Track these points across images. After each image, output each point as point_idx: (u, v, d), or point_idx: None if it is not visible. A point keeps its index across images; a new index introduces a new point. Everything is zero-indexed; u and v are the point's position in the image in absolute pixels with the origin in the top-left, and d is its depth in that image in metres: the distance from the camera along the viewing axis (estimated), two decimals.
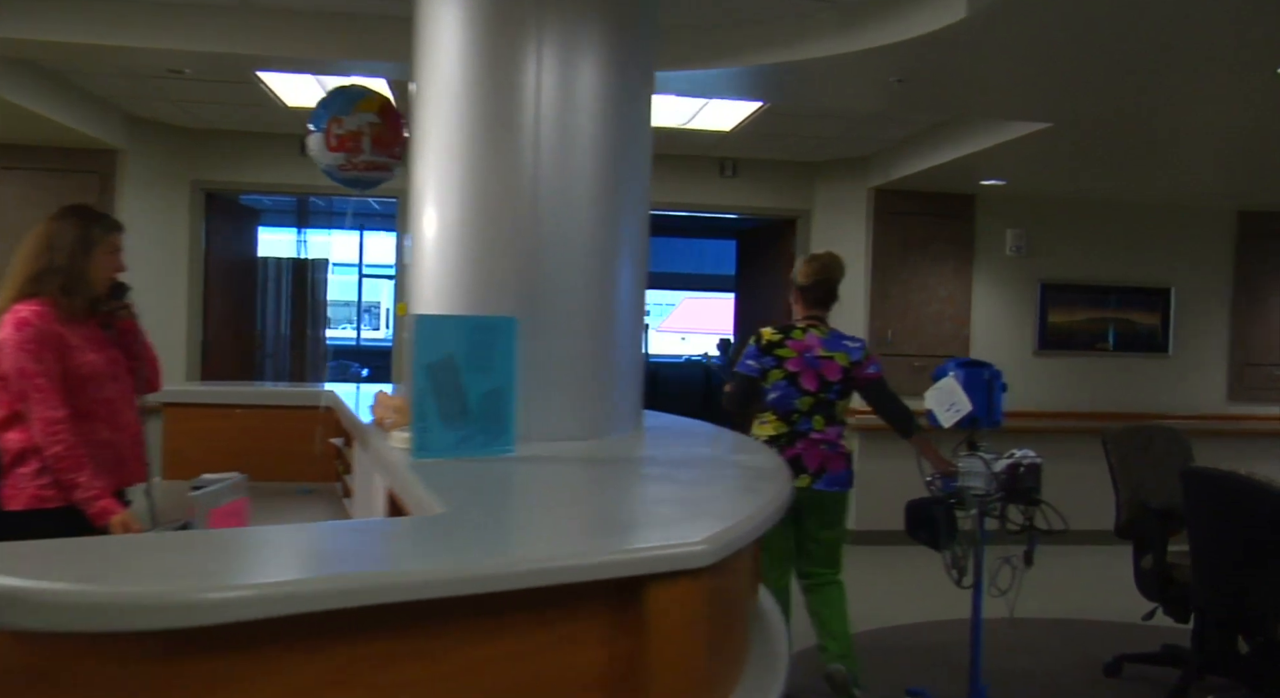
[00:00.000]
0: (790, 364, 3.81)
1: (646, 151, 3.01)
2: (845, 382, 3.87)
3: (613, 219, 2.80)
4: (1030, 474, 3.56)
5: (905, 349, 7.13)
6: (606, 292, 2.78)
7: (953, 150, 5.75)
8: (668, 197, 7.31)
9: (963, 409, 3.60)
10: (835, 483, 3.86)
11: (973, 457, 3.59)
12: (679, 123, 6.19)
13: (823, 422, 3.84)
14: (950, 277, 7.18)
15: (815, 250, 4.21)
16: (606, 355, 2.78)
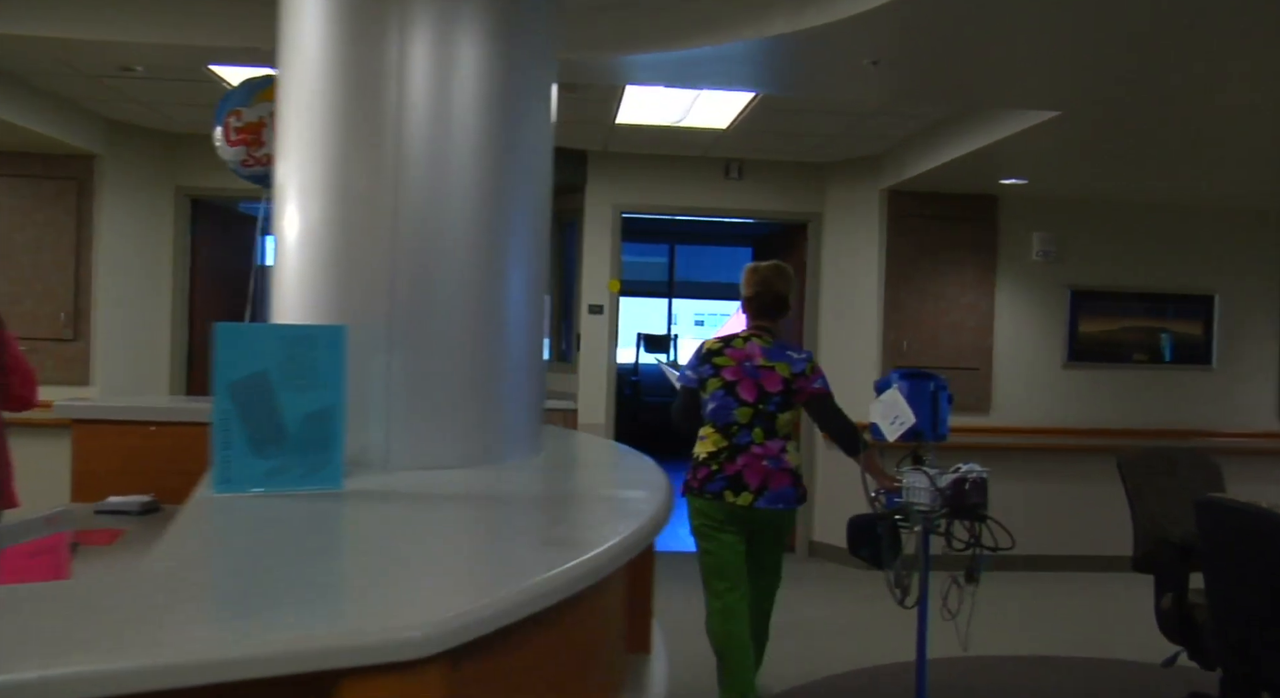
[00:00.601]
0: (727, 373, 3.67)
1: (545, 143, 2.65)
2: (786, 394, 3.70)
3: (500, 219, 2.45)
4: (976, 489, 3.47)
5: (922, 362, 6.66)
6: (493, 299, 2.42)
7: (961, 145, 5.30)
8: (669, 199, 6.94)
9: (906, 422, 3.49)
10: (779, 500, 3.66)
11: (917, 471, 3.47)
12: (671, 121, 5.82)
13: (763, 435, 3.68)
14: (971, 284, 6.70)
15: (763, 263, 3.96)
16: (492, 371, 2.41)
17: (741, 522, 3.68)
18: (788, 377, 3.70)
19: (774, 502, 3.65)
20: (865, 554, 3.57)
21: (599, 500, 2.19)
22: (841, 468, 5.58)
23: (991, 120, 4.94)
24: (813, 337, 7.03)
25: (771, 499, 3.64)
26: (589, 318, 6.95)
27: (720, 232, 12.26)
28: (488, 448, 2.40)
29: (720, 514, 3.67)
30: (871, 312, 6.68)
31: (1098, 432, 6.71)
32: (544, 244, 2.65)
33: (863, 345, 6.73)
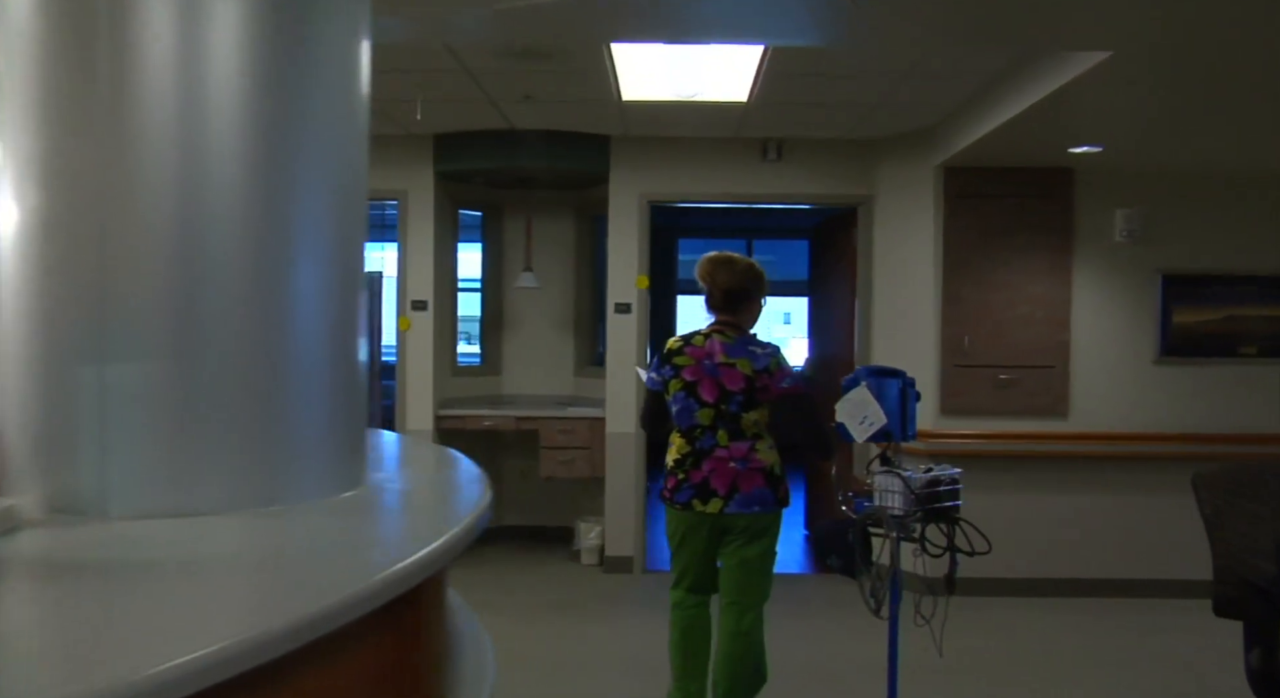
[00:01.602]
0: (687, 373, 3.51)
1: (349, 111, 2.08)
2: (749, 392, 3.47)
3: (277, 203, 1.89)
4: (951, 492, 3.33)
5: (986, 360, 5.88)
6: (270, 296, 1.87)
7: (1019, 100, 4.48)
8: (701, 186, 6.32)
9: (877, 422, 3.29)
10: (751, 503, 3.47)
11: (890, 474, 3.29)
12: (684, 95, 5.21)
13: (728, 437, 3.49)
14: (1043, 270, 5.89)
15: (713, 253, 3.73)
16: (268, 386, 1.86)
17: (715, 531, 3.52)
18: (750, 374, 3.46)
19: (746, 505, 3.46)
20: (835, 564, 3.41)
21: (333, 568, 1.60)
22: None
23: (1049, 69, 4.15)
24: (865, 336, 6.31)
25: (743, 503, 3.46)
26: (615, 318, 6.38)
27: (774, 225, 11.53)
28: (263, 486, 1.85)
29: (692, 524, 3.53)
30: (928, 306, 5.93)
31: (1196, 437, 5.80)
32: (354, 230, 2.07)
33: (919, 344, 5.98)
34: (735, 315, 3.58)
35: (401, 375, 6.46)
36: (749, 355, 3.49)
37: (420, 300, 6.41)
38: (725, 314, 3.59)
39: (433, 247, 6.40)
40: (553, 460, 6.42)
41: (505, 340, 7.23)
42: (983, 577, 5.87)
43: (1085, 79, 3.83)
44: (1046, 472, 5.90)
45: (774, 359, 3.51)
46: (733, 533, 3.50)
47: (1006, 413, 5.88)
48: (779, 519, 3.58)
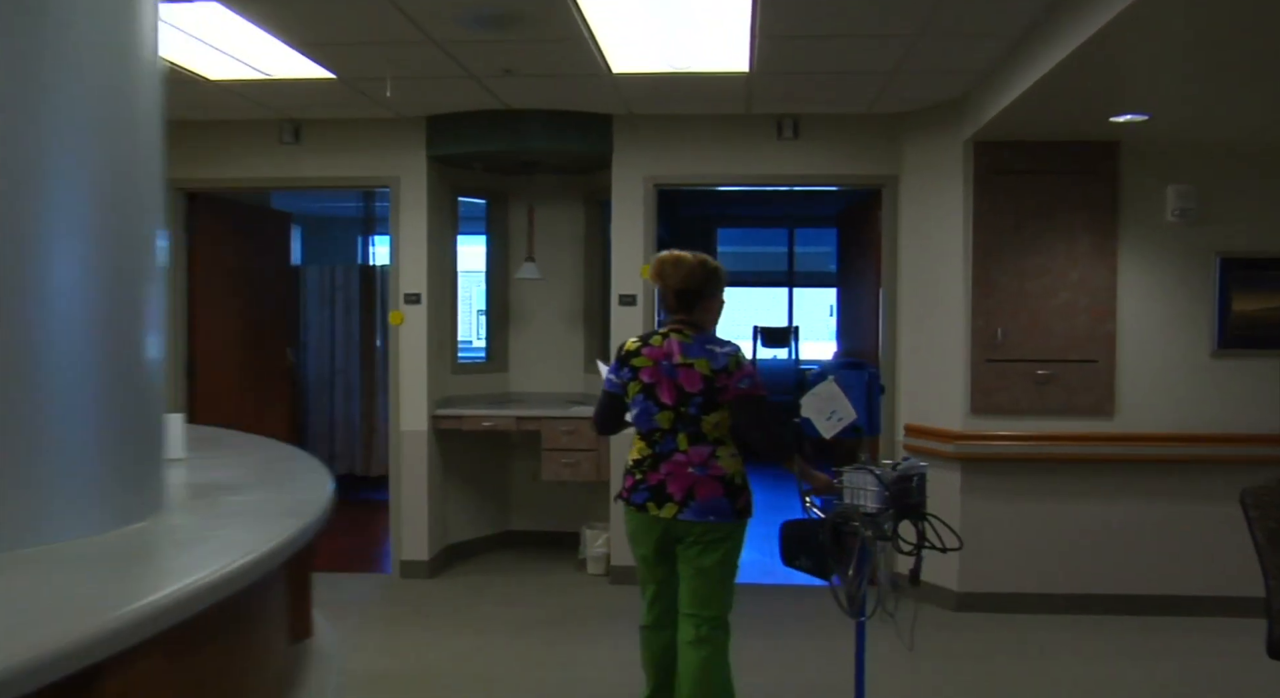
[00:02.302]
0: (645, 375, 3.40)
1: (118, 83, 1.67)
2: (708, 393, 3.34)
3: (11, 191, 1.49)
4: (920, 487, 3.26)
5: (1022, 353, 5.34)
6: (9, 302, 1.48)
7: (1048, 55, 3.94)
8: (712, 167, 5.87)
9: (845, 417, 3.24)
10: (707, 512, 3.34)
11: (861, 471, 3.20)
12: (678, 66, 4.76)
13: (688, 441, 3.37)
14: (1086, 254, 5.33)
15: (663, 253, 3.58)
16: (12, 404, 1.47)
17: (668, 537, 3.41)
18: (708, 374, 3.33)
19: (701, 514, 3.33)
20: (805, 566, 3.31)
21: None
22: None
23: (1080, 17, 3.61)
24: (890, 329, 5.81)
25: (699, 511, 3.33)
26: (620, 311, 5.95)
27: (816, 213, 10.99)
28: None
29: (647, 527, 3.44)
30: (957, 294, 5.40)
31: (1257, 439, 5.21)
32: (134, 218, 1.67)
33: (948, 337, 5.46)
34: (691, 314, 3.46)
35: (394, 373, 6.11)
36: (707, 355, 3.36)
37: (413, 294, 6.05)
38: (680, 313, 3.47)
39: (426, 236, 6.03)
40: (555, 463, 6.02)
41: (512, 336, 6.85)
42: (1018, 592, 5.37)
43: (1118, 24, 3.30)
44: (1089, 477, 5.35)
45: (732, 358, 3.36)
46: (686, 542, 3.39)
47: (1045, 412, 5.33)
48: (739, 530, 3.44)
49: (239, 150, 6.07)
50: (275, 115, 5.91)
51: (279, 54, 4.62)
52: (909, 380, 5.73)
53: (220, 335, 6.52)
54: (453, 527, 6.46)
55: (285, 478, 2.37)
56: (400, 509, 6.08)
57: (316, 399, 8.92)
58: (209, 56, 4.68)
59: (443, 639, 4.97)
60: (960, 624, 5.23)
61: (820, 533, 3.21)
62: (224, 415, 6.49)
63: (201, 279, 6.33)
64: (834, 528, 3.20)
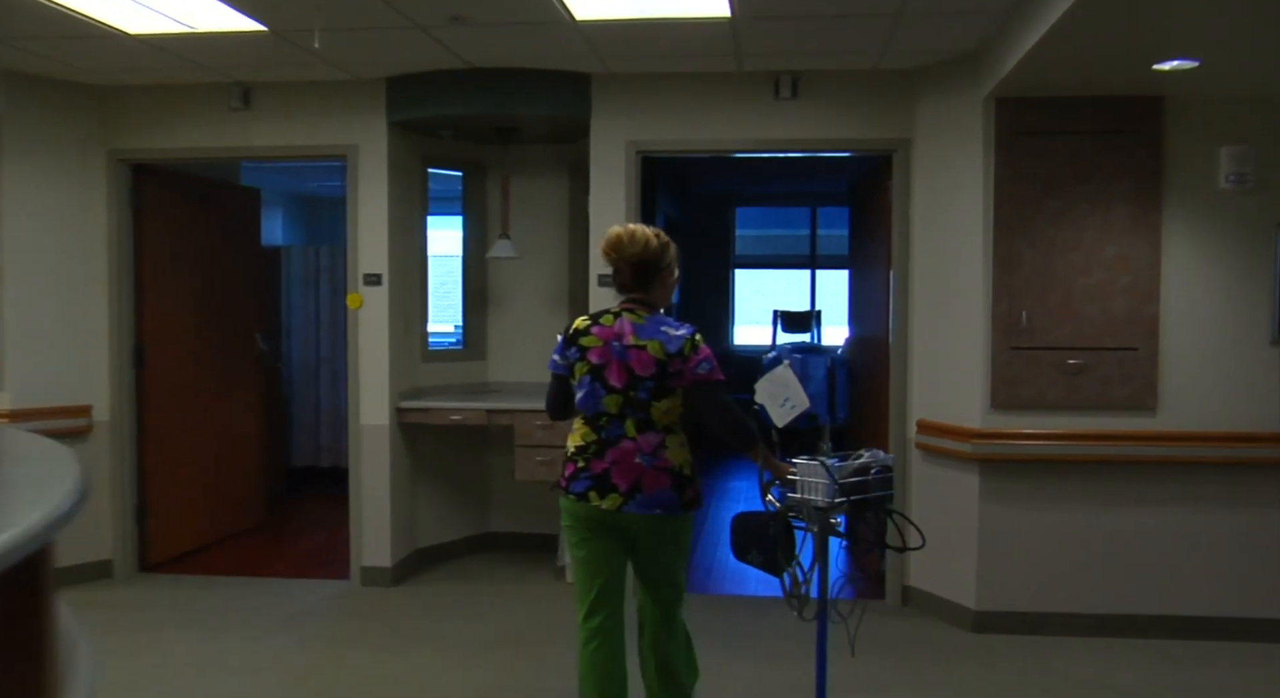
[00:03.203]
0: (594, 355, 3.22)
1: None
2: (660, 378, 3.17)
3: None
4: (881, 481, 3.09)
5: (1051, 340, 4.68)
6: None
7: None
8: (702, 132, 5.26)
9: (798, 405, 3.15)
10: (654, 505, 3.17)
11: (812, 462, 3.06)
12: (649, 14, 4.15)
13: (636, 427, 3.18)
14: (1124, 227, 4.65)
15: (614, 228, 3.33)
16: None
17: (612, 529, 3.21)
18: (662, 357, 3.15)
19: (648, 506, 3.15)
20: (756, 561, 3.20)
21: None
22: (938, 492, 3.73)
23: None
24: (901, 313, 5.16)
25: (645, 503, 3.15)
26: (599, 294, 5.36)
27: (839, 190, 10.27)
28: None
29: (586, 518, 3.22)
30: (976, 273, 4.75)
31: None
32: None
33: (965, 322, 4.81)
34: (647, 292, 3.29)
35: (353, 362, 5.56)
36: (661, 337, 3.17)
37: (373, 274, 5.49)
38: (636, 291, 3.29)
39: (387, 209, 5.46)
40: (529, 461, 5.46)
41: (490, 321, 6.28)
42: (1043, 611, 4.72)
43: None
44: (1126, 482, 4.68)
45: (689, 341, 3.17)
46: (634, 538, 3.23)
47: (1076, 407, 4.67)
48: (687, 522, 3.29)
49: (186, 118, 5.54)
50: (221, 77, 5.37)
51: (199, 2, 4.08)
52: (922, 371, 5.09)
53: (175, 320, 6.01)
54: (423, 529, 5.93)
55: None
56: (361, 512, 5.55)
57: (301, 388, 8.42)
58: (124, 7, 4.15)
59: (390, 660, 4.42)
60: (976, 648, 4.60)
61: (770, 526, 3.07)
62: (179, 405, 6.01)
63: (152, 259, 5.82)
64: (785, 522, 3.06)
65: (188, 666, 4.35)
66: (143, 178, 5.75)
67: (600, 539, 3.22)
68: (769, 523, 3.12)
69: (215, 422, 6.39)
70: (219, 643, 4.62)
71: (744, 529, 3.25)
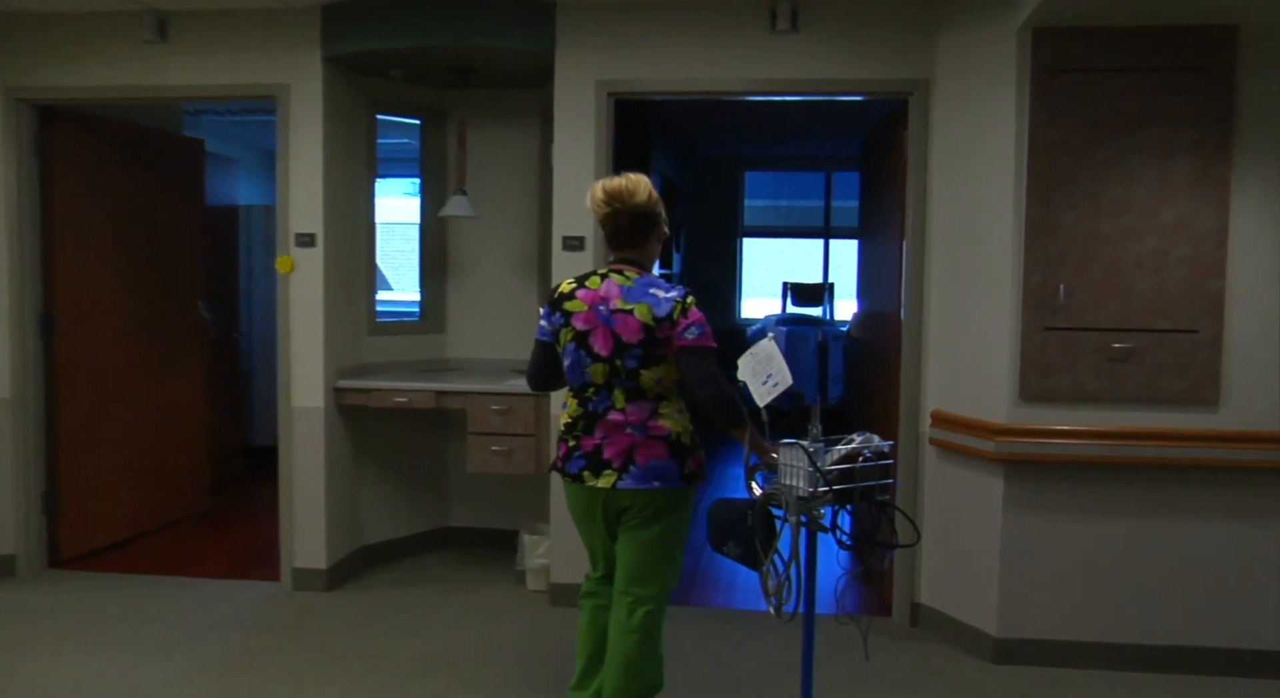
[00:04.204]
0: (579, 321, 2.97)
1: None
2: (649, 344, 2.90)
3: None
4: (873, 469, 2.73)
5: (1093, 320, 3.92)
6: None
7: None
8: (686, 70, 4.50)
9: (781, 383, 2.75)
10: (651, 478, 2.92)
11: (793, 445, 2.71)
12: None
13: (624, 398, 2.95)
14: (1185, 184, 3.86)
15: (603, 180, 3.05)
16: None
17: (610, 509, 3.03)
18: (650, 322, 2.92)
19: (644, 480, 2.95)
20: (734, 553, 2.88)
21: None
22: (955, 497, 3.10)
23: None
24: (916, 285, 4.41)
25: (640, 477, 2.95)
26: (564, 258, 4.63)
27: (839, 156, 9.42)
28: None
29: (586, 500, 3.06)
30: (1004, 239, 3.99)
31: None
32: None
33: (990, 297, 4.06)
34: (641, 250, 3.08)
35: (283, 335, 4.86)
36: (649, 300, 2.95)
37: (306, 234, 4.78)
38: (629, 249, 3.08)
39: (322, 158, 4.74)
40: (484, 451, 4.75)
41: (451, 290, 5.56)
42: (1078, 640, 3.99)
43: None
44: (1181, 490, 3.94)
45: (679, 304, 2.94)
46: (629, 512, 3.01)
47: (1121, 400, 3.92)
48: (687, 497, 3.04)
49: (93, 52, 4.82)
50: (134, 5, 4.64)
51: None
52: (938, 353, 4.35)
53: (96, 286, 5.32)
54: (370, 525, 5.25)
55: None
56: (292, 506, 4.86)
57: (263, 360, 7.74)
58: None
59: (288, 693, 3.74)
60: (997, 683, 3.88)
61: (749, 515, 2.81)
62: (102, 382, 5.34)
63: (65, 217, 5.13)
64: (765, 511, 2.78)
65: (54, 693, 3.68)
66: (53, 123, 5.05)
67: (603, 520, 3.06)
68: (748, 511, 2.83)
69: (149, 400, 5.72)
70: (101, 662, 3.95)
71: (721, 518, 2.94)
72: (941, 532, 4.32)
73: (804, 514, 2.72)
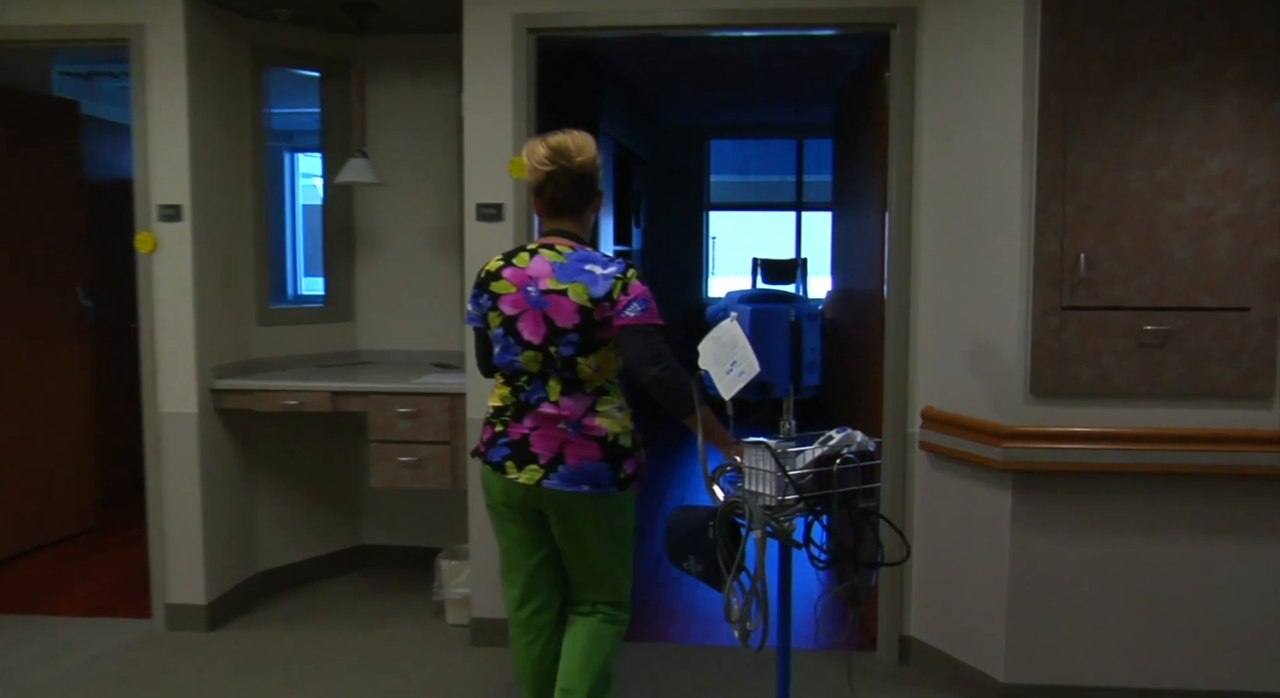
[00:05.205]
0: (506, 304, 2.65)
1: None
2: (586, 329, 2.58)
3: None
4: (854, 472, 2.30)
5: (1120, 296, 3.19)
6: None
7: None
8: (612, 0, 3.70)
9: (747, 371, 2.31)
10: (579, 480, 2.62)
11: (758, 445, 2.30)
12: None
13: (560, 390, 2.64)
14: (1234, 128, 3.13)
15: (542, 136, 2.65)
16: None
17: (530, 508, 2.68)
18: (586, 304, 2.57)
19: (572, 481, 2.61)
20: (695, 570, 2.45)
21: None
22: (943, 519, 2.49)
23: None
24: (903, 256, 3.67)
25: (568, 478, 2.61)
26: (478, 229, 3.86)
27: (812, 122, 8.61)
28: None
29: (504, 494, 2.69)
30: (1011, 197, 3.24)
31: None
32: None
33: (995, 269, 3.33)
34: (578, 220, 2.73)
35: (146, 325, 4.06)
36: (585, 278, 2.59)
37: (171, 206, 3.98)
38: (565, 218, 2.72)
39: (188, 114, 3.93)
40: (389, 462, 3.99)
41: (360, 271, 4.77)
42: (1100, 687, 3.32)
43: None
44: (1235, 505, 3.23)
45: (619, 280, 2.58)
46: (556, 516, 2.68)
47: (1156, 395, 3.21)
48: (624, 502, 2.71)
49: None
50: None
51: None
52: (930, 340, 3.62)
53: None
54: (267, 548, 4.48)
55: None
56: (163, 533, 4.08)
57: None
58: None
59: None
60: None
61: (710, 526, 2.42)
62: None
63: None
64: (730, 521, 2.35)
65: None
66: None
67: (518, 524, 2.74)
68: (709, 521, 2.44)
69: (19, 400, 4.92)
70: None
71: (681, 528, 2.51)
72: (935, 554, 3.59)
73: (770, 526, 2.24)
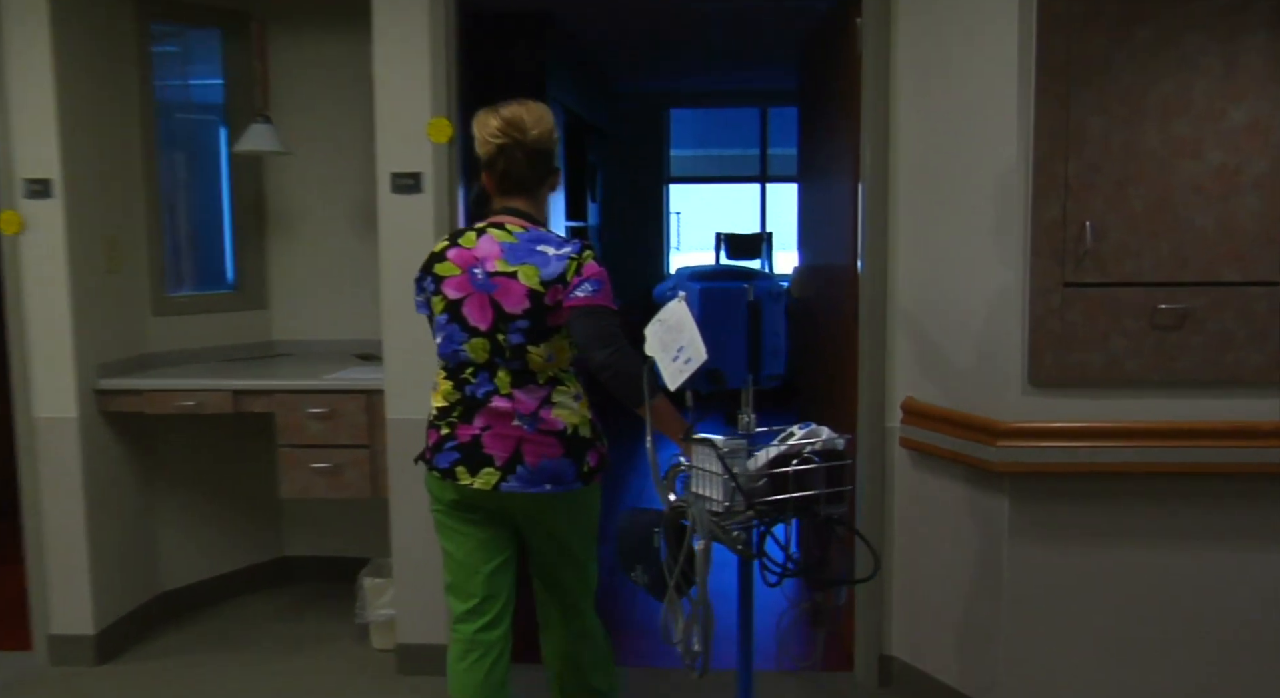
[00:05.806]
0: (450, 287, 2.46)
1: None
2: (537, 314, 2.39)
3: None
4: (814, 474, 2.09)
5: (1132, 270, 2.78)
6: None
7: None
8: None
9: (695, 358, 2.09)
10: (540, 480, 2.43)
11: (704, 445, 2.15)
12: None
13: (510, 382, 2.44)
14: (1261, 76, 2.71)
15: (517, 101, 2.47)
16: None
17: (490, 514, 2.51)
18: (537, 287, 2.38)
19: (533, 482, 2.42)
20: (642, 580, 2.29)
21: None
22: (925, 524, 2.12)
23: None
24: (879, 226, 3.24)
25: (528, 479, 2.42)
26: (394, 202, 3.38)
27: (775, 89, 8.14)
28: None
29: (455, 501, 2.50)
30: (1006, 159, 2.80)
31: None
32: None
33: (986, 239, 2.90)
34: (533, 198, 2.54)
35: (15, 318, 3.54)
36: (536, 260, 2.39)
37: (39, 180, 3.46)
38: (518, 197, 2.52)
39: (53, 77, 3.41)
40: (300, 469, 3.52)
41: (272, 253, 4.27)
42: None
43: None
44: (1265, 508, 2.83)
45: (573, 261, 2.39)
46: (521, 523, 2.53)
47: (1172, 384, 2.79)
48: (589, 496, 2.53)
49: None
50: None
51: None
52: (911, 322, 3.19)
53: None
54: (171, 565, 4.00)
55: None
56: (42, 554, 3.58)
57: None
58: None
59: None
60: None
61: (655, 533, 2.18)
62: None
63: None
64: (676, 527, 2.13)
65: None
66: None
67: (475, 527, 2.53)
68: (655, 527, 2.26)
69: None
70: None
71: (631, 534, 2.32)
72: (919, 565, 3.18)
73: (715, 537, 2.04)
